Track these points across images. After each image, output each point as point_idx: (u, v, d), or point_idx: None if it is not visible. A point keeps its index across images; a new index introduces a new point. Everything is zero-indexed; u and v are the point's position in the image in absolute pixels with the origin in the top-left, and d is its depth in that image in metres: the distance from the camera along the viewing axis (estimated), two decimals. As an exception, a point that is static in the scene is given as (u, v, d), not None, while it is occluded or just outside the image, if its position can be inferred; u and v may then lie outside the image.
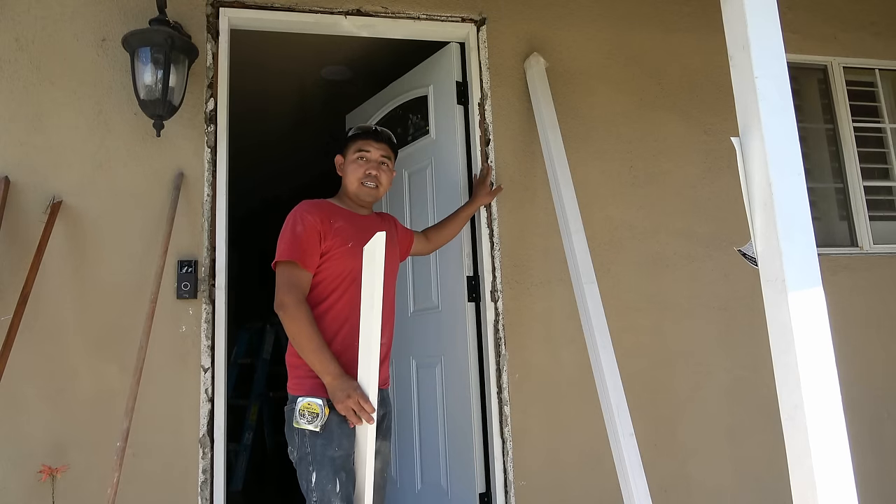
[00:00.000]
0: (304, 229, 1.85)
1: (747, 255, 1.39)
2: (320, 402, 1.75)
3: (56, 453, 2.20)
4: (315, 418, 1.74)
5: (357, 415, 1.70)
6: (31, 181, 2.32)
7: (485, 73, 2.82)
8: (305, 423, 1.75)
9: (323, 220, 1.88)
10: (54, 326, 2.27)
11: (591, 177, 2.84)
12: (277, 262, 1.85)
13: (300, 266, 1.83)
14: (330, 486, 1.74)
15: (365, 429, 1.71)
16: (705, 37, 3.08)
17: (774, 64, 1.32)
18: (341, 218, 1.94)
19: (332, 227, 1.88)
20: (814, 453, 1.16)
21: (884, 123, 3.41)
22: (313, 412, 1.74)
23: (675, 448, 2.74)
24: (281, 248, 1.85)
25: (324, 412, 1.74)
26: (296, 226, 1.86)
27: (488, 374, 2.64)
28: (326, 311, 1.86)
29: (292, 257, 1.82)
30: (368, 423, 1.71)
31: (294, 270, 1.83)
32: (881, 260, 3.16)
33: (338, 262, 1.87)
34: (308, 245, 1.84)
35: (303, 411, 1.75)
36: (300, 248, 1.83)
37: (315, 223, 1.86)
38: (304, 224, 1.86)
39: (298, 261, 1.82)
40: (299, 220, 1.87)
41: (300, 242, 1.84)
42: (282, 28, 2.73)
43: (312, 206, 1.93)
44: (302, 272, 1.84)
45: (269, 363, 5.21)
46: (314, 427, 1.74)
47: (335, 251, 1.87)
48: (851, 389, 2.15)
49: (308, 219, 1.86)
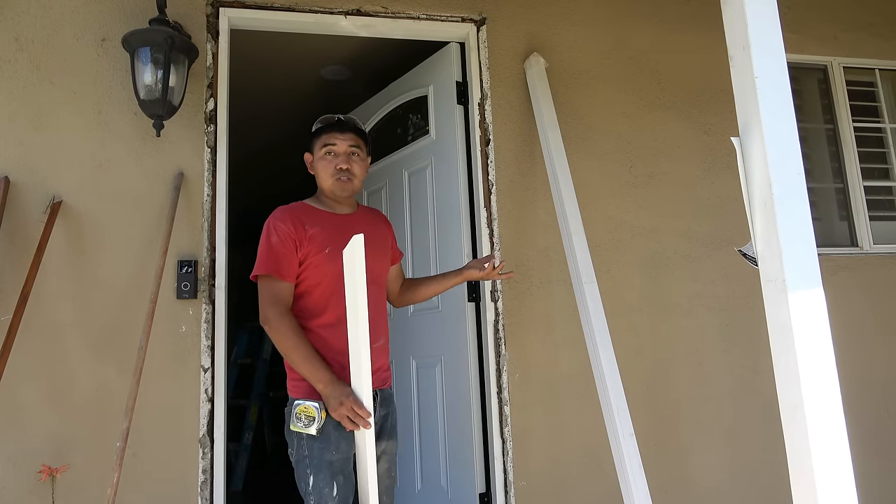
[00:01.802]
0: (278, 240, 1.81)
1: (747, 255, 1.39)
2: (317, 405, 1.73)
3: (56, 453, 2.20)
4: (311, 422, 1.73)
5: (352, 420, 1.68)
6: (31, 181, 2.32)
7: (485, 73, 2.82)
8: (302, 427, 1.74)
9: (297, 228, 1.83)
10: (54, 326, 2.27)
11: (591, 177, 2.84)
12: (256, 275, 1.83)
13: (278, 278, 1.80)
14: (327, 490, 1.73)
15: (363, 434, 1.70)
16: (705, 37, 3.08)
17: (774, 64, 1.32)
18: (316, 222, 1.88)
19: (306, 234, 1.84)
20: (814, 453, 1.16)
21: (884, 123, 3.41)
22: (310, 416, 1.73)
23: (675, 448, 2.74)
24: (258, 261, 1.82)
25: (320, 416, 1.72)
26: (270, 236, 1.82)
27: (488, 374, 2.64)
28: (316, 322, 1.83)
29: (269, 270, 1.79)
30: (365, 427, 1.69)
31: (273, 283, 1.80)
32: (881, 260, 3.16)
33: (317, 270, 1.83)
34: (284, 255, 1.80)
35: (299, 415, 1.74)
36: (276, 260, 1.80)
37: (289, 231, 1.82)
38: (279, 234, 1.82)
39: (276, 273, 1.80)
40: (273, 230, 1.83)
41: (276, 254, 1.80)
42: (282, 28, 2.73)
43: (285, 213, 1.87)
44: (282, 283, 1.81)
45: (269, 363, 5.21)
46: (311, 431, 1.73)
47: (312, 258, 1.83)
48: (851, 389, 2.15)
49: (281, 228, 1.82)
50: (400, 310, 2.99)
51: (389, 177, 3.23)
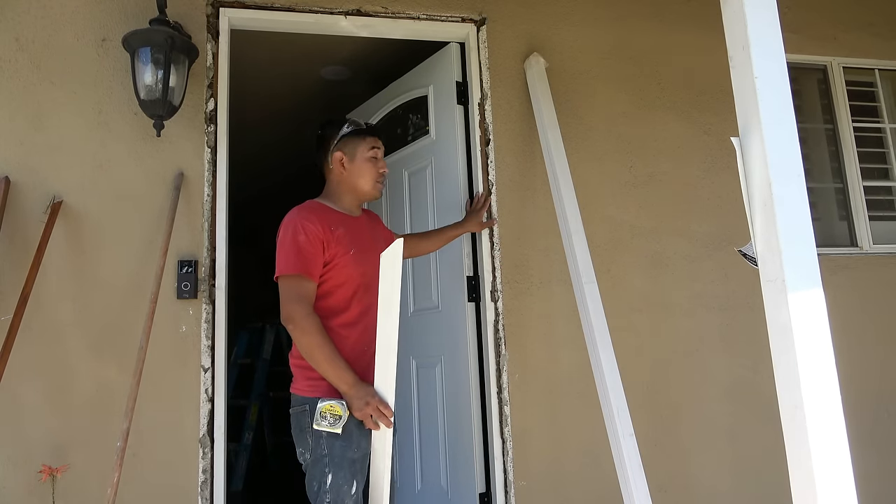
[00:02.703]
0: (306, 239, 1.80)
1: (747, 255, 1.39)
2: (342, 403, 1.74)
3: (56, 453, 2.20)
4: (337, 420, 1.73)
5: (374, 420, 1.70)
6: (32, 181, 2.32)
7: (485, 73, 2.82)
8: (327, 426, 1.73)
9: (324, 228, 1.83)
10: (54, 326, 2.27)
11: (591, 177, 2.84)
12: (281, 274, 1.81)
13: (306, 277, 1.79)
14: (346, 488, 1.74)
15: (383, 432, 1.72)
16: (705, 37, 3.08)
17: (774, 64, 1.32)
18: (340, 224, 1.90)
19: (333, 235, 1.84)
20: (814, 453, 1.16)
21: (884, 123, 3.41)
22: (336, 414, 1.73)
23: (675, 448, 2.74)
24: (283, 259, 1.81)
25: (346, 413, 1.73)
26: (297, 235, 1.81)
27: (488, 374, 2.64)
28: (337, 321, 1.85)
29: (297, 270, 1.78)
30: (387, 426, 1.70)
31: (299, 282, 1.79)
32: (881, 260, 3.16)
33: (342, 271, 1.85)
34: (312, 255, 1.80)
35: (324, 413, 1.74)
36: (304, 259, 1.79)
37: (318, 231, 1.81)
38: (307, 233, 1.81)
39: (304, 272, 1.78)
40: (300, 229, 1.82)
41: (303, 253, 1.79)
42: (282, 28, 2.73)
43: (311, 212, 1.87)
44: (308, 283, 1.80)
45: (269, 363, 5.22)
46: (336, 429, 1.73)
47: (339, 259, 1.84)
48: (851, 389, 2.15)
49: (310, 227, 1.82)
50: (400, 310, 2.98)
51: (389, 177, 3.21)
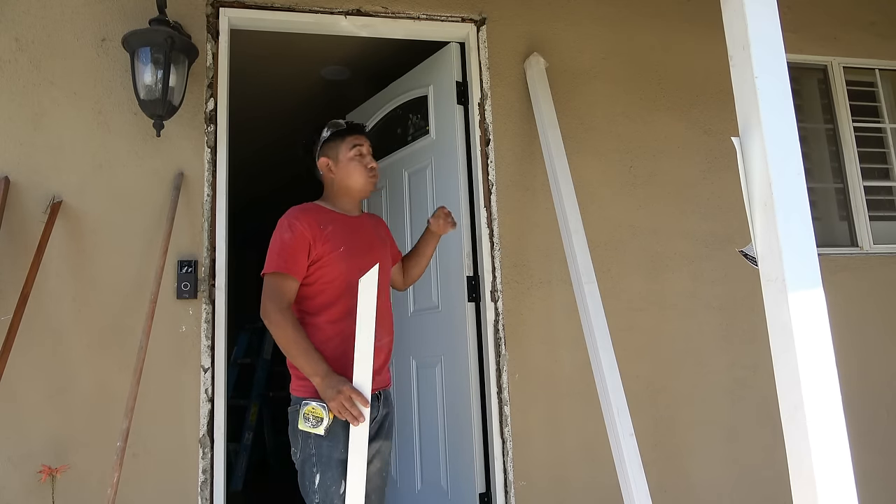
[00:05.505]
0: (291, 236, 1.84)
1: (747, 255, 1.39)
2: (324, 406, 1.75)
3: (56, 453, 2.20)
4: (319, 422, 1.74)
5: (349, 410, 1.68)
6: (31, 181, 2.32)
7: (485, 73, 2.82)
8: (310, 427, 1.75)
9: (312, 226, 1.86)
10: (54, 326, 2.27)
11: (591, 177, 2.84)
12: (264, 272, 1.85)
13: (287, 275, 1.82)
14: (334, 488, 1.75)
15: (358, 429, 1.71)
16: (705, 36, 3.08)
17: (774, 64, 1.32)
18: (332, 222, 1.92)
19: (322, 233, 1.87)
20: (814, 453, 1.16)
21: (884, 123, 3.41)
22: (317, 416, 1.74)
23: (675, 448, 2.74)
24: (268, 258, 1.85)
25: (328, 416, 1.74)
26: (283, 233, 1.85)
27: (488, 374, 2.64)
28: (325, 317, 1.86)
29: (279, 268, 1.82)
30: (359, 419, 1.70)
31: (279, 279, 1.82)
32: (881, 260, 3.16)
33: (332, 267, 1.86)
34: (295, 253, 1.83)
35: (307, 415, 1.75)
36: (285, 257, 1.83)
37: (304, 230, 1.84)
38: (293, 231, 1.84)
39: (285, 270, 1.82)
40: (287, 227, 1.86)
41: (286, 251, 1.83)
42: (282, 28, 2.73)
43: (301, 212, 1.91)
44: (288, 280, 1.83)
45: (270, 363, 5.22)
46: (319, 431, 1.74)
47: (328, 256, 1.86)
48: (851, 389, 2.15)
49: (297, 225, 1.85)
50: (400, 310, 2.99)
51: (389, 177, 3.23)
